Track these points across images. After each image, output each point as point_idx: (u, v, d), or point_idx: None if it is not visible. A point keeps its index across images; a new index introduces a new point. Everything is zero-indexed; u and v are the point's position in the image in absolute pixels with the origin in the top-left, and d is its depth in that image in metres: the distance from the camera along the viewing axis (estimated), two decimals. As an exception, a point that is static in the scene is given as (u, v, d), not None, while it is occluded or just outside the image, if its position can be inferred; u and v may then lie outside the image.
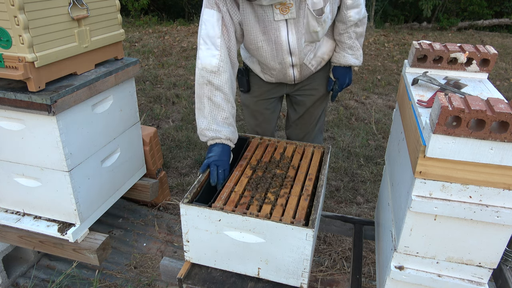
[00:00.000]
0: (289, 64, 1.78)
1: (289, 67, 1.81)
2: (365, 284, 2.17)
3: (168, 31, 8.08)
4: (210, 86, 1.61)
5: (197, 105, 1.67)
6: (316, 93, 2.05)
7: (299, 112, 2.12)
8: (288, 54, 1.74)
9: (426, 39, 8.05)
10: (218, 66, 1.59)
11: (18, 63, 1.55)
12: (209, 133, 1.64)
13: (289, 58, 1.76)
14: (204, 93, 1.63)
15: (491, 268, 1.20)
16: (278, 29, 1.65)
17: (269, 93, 2.05)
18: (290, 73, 1.84)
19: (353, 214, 2.77)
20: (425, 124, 1.10)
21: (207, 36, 1.59)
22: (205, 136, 1.66)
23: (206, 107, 1.64)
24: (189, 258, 1.52)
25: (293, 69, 1.83)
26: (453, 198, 1.12)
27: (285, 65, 1.79)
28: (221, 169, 1.58)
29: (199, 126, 1.66)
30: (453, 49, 1.49)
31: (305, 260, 1.35)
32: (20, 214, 1.99)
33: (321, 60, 1.92)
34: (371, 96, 4.97)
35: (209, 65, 1.59)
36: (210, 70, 1.59)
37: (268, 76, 1.94)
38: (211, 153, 1.62)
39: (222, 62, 1.60)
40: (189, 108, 4.41)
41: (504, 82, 5.53)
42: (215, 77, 1.60)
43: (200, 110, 1.66)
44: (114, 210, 2.66)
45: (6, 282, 2.14)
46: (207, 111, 1.64)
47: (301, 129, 2.19)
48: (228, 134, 1.65)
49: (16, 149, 1.79)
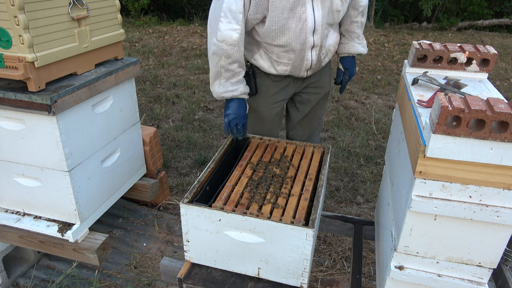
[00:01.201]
0: (310, 45, 1.78)
1: (308, 49, 1.79)
2: (365, 284, 2.17)
3: (168, 31, 8.09)
4: (228, 58, 1.71)
5: (213, 74, 1.79)
6: (322, 91, 2.06)
7: (303, 112, 2.11)
8: (311, 34, 1.74)
9: (426, 39, 8.06)
10: (238, 40, 1.67)
11: (18, 63, 1.55)
12: (226, 95, 1.80)
13: (311, 38, 1.76)
14: (221, 64, 1.73)
15: (491, 268, 1.20)
16: (305, 4, 1.66)
17: (278, 96, 2.01)
18: (308, 57, 1.82)
19: (353, 214, 2.77)
20: (425, 124, 1.10)
21: (229, 10, 1.64)
22: (222, 98, 1.82)
23: (223, 75, 1.76)
24: (189, 258, 1.52)
25: (311, 53, 1.81)
26: (453, 198, 1.12)
27: (305, 46, 1.77)
28: (240, 124, 1.82)
29: (216, 91, 1.81)
30: (453, 49, 1.49)
31: (305, 260, 1.35)
32: (20, 214, 1.99)
33: (328, 51, 1.93)
34: (371, 96, 4.97)
35: (229, 39, 1.66)
36: (230, 43, 1.67)
37: (282, 67, 1.87)
38: (228, 110, 1.81)
39: (241, 36, 1.69)
40: (189, 108, 4.41)
41: (504, 82, 5.54)
42: (234, 50, 1.69)
43: (217, 78, 1.79)
44: (114, 210, 2.66)
45: (6, 282, 2.14)
46: (224, 79, 1.77)
47: (305, 129, 2.18)
48: (242, 90, 1.81)
49: (16, 149, 1.79)
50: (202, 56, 6.32)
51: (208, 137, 3.84)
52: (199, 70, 5.70)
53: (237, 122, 1.81)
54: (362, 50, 2.00)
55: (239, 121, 1.81)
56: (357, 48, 1.98)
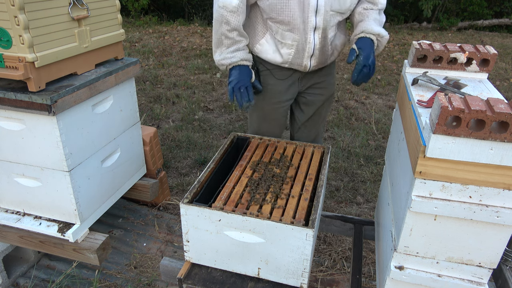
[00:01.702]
0: (312, 25, 1.74)
1: (311, 30, 1.75)
2: (365, 284, 2.17)
3: (168, 31, 8.08)
4: (227, 25, 1.73)
5: (215, 40, 1.81)
6: (326, 93, 2.05)
7: (308, 114, 2.10)
8: (314, 13, 1.71)
9: (426, 39, 8.06)
10: (237, 6, 1.70)
11: (18, 63, 1.55)
12: (225, 61, 1.80)
13: (314, 18, 1.72)
14: (221, 31, 1.75)
15: (491, 268, 1.20)
16: None
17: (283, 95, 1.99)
18: (310, 39, 1.77)
19: (353, 214, 2.77)
20: (425, 124, 1.10)
21: None
22: (222, 65, 1.82)
23: (223, 43, 1.78)
24: (189, 258, 1.52)
25: (314, 35, 1.77)
26: (453, 198, 1.12)
27: (307, 26, 1.74)
28: (243, 87, 1.76)
29: (216, 58, 1.83)
30: (453, 49, 1.49)
31: (305, 260, 1.35)
32: (20, 214, 1.99)
33: (334, 49, 1.90)
34: (371, 96, 4.97)
35: (229, 5, 1.69)
36: (229, 10, 1.70)
37: (286, 49, 1.84)
38: (231, 77, 1.79)
39: (241, 3, 1.70)
40: (189, 108, 4.41)
41: (504, 82, 5.54)
42: (233, 17, 1.71)
43: (217, 45, 1.80)
44: (114, 210, 2.66)
45: (6, 282, 2.14)
46: (224, 47, 1.79)
47: (310, 131, 2.17)
48: (242, 56, 1.80)
49: (16, 149, 1.79)
50: (202, 56, 6.32)
51: (208, 137, 3.84)
52: (199, 70, 5.70)
53: (240, 85, 1.75)
54: (380, 31, 1.74)
55: (242, 84, 1.76)
56: (373, 27, 1.73)
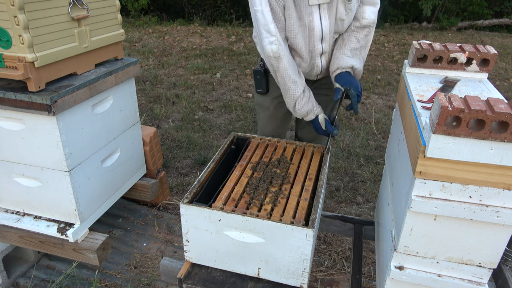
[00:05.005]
0: (319, 52, 1.80)
1: (318, 56, 1.82)
2: (365, 284, 2.17)
3: (168, 31, 8.08)
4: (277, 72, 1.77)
5: (282, 89, 1.85)
6: (331, 93, 2.05)
7: None
8: (319, 41, 1.76)
9: (426, 39, 8.05)
10: (278, 50, 1.70)
11: (18, 63, 1.55)
12: (309, 117, 1.86)
13: (320, 46, 1.78)
14: (278, 81, 1.81)
15: (491, 268, 1.20)
16: (312, 13, 1.68)
17: None
18: (318, 64, 1.85)
19: (353, 214, 2.77)
20: (425, 124, 1.10)
21: (262, 25, 1.68)
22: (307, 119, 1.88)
23: (289, 89, 1.79)
24: (189, 258, 1.52)
25: (321, 59, 1.84)
26: (453, 198, 1.12)
27: (314, 54, 1.80)
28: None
29: (298, 113, 1.86)
30: (453, 49, 1.49)
31: (305, 260, 1.35)
32: (20, 214, 1.99)
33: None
34: (371, 96, 4.97)
35: (270, 52, 1.71)
36: (273, 57, 1.72)
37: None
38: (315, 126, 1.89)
39: (280, 46, 1.70)
40: (189, 108, 4.41)
41: (504, 82, 5.53)
42: (278, 63, 1.73)
43: (285, 93, 1.83)
44: (114, 210, 2.66)
45: (6, 282, 2.14)
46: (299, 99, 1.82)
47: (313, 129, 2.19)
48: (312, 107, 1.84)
49: (16, 149, 1.79)
50: (202, 56, 6.32)
51: (208, 137, 3.84)
52: (199, 70, 5.70)
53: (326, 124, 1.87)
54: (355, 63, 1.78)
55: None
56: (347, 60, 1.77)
